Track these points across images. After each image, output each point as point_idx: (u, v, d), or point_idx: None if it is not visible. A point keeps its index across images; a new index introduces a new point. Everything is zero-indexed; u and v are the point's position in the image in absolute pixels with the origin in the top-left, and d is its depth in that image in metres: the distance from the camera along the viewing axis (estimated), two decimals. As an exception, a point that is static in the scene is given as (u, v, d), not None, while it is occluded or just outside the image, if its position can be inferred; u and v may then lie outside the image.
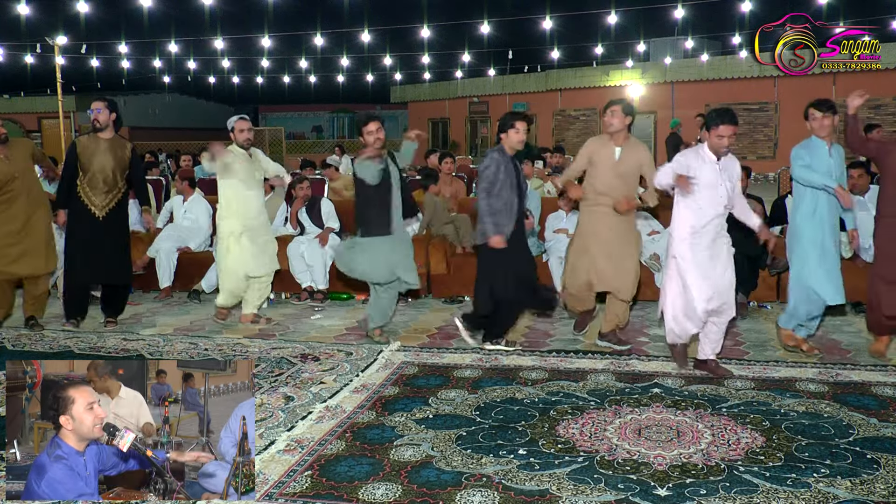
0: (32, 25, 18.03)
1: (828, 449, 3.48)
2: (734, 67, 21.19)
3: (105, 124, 5.78)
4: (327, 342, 5.54)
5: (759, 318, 6.06)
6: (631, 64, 22.74)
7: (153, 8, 14.08)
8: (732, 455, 3.44)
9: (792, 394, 4.23)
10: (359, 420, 3.95)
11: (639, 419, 3.89)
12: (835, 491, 3.08)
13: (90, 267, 5.87)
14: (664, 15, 17.26)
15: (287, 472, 3.34)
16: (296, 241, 7.09)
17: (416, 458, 3.45)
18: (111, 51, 20.80)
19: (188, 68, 22.80)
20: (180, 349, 5.40)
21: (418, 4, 18.85)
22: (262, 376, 4.69)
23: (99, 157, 5.76)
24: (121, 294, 6.20)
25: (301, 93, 30.61)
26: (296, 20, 31.18)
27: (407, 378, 4.64)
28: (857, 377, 4.51)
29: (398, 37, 21.77)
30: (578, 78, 23.91)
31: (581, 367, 4.81)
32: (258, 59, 23.17)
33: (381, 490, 3.14)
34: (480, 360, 4.99)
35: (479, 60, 23.83)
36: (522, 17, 18.41)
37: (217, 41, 19.14)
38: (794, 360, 4.86)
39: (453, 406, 4.13)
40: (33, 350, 5.44)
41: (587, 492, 3.11)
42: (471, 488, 3.15)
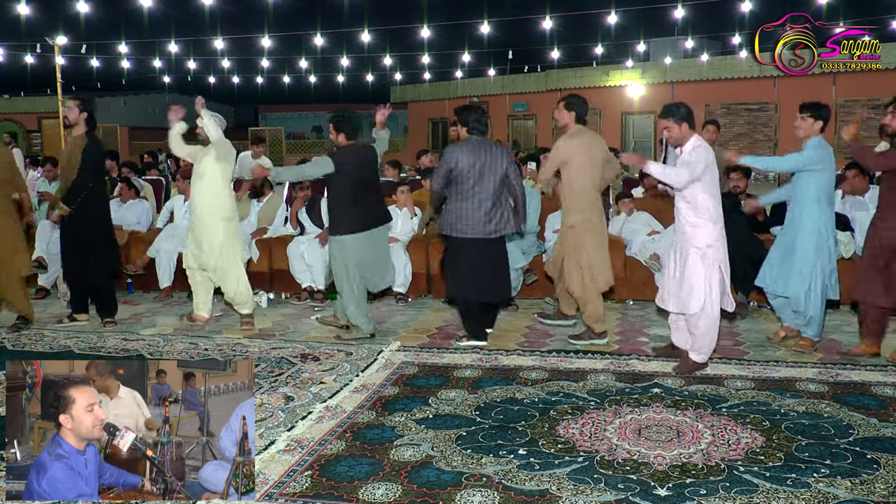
0: (32, 25, 18.03)
1: (828, 449, 3.48)
2: (734, 67, 21.18)
3: (74, 122, 5.86)
4: (327, 342, 5.54)
5: (759, 318, 6.06)
6: (631, 64, 22.74)
7: (153, 8, 14.07)
8: (732, 455, 3.44)
9: (792, 394, 4.23)
10: (359, 420, 3.95)
11: (639, 419, 3.89)
12: (835, 491, 3.08)
13: (62, 265, 6.19)
14: (664, 15, 17.25)
15: (287, 472, 3.34)
16: (296, 241, 7.09)
17: (416, 458, 3.45)
18: (111, 51, 20.79)
19: (188, 68, 22.77)
20: (180, 349, 5.40)
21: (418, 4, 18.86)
22: (262, 376, 4.69)
23: (65, 153, 5.97)
24: (100, 294, 6.13)
25: (301, 93, 30.61)
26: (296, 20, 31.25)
27: (407, 378, 4.64)
28: (857, 377, 4.51)
29: (398, 37, 21.78)
30: (578, 78, 23.89)
31: (581, 367, 4.81)
32: (258, 59, 23.16)
33: (381, 490, 3.14)
34: (480, 360, 4.99)
35: (479, 60, 23.84)
36: (522, 17, 18.41)
37: (217, 41, 19.12)
38: (794, 360, 4.86)
39: (453, 406, 4.13)
40: (33, 350, 5.44)
41: (587, 492, 3.11)
42: (471, 488, 3.15)
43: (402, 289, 6.90)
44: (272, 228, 7.55)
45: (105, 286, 6.14)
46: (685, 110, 4.56)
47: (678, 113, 4.54)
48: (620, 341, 5.47)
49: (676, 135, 4.57)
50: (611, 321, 6.05)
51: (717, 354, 5.03)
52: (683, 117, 4.54)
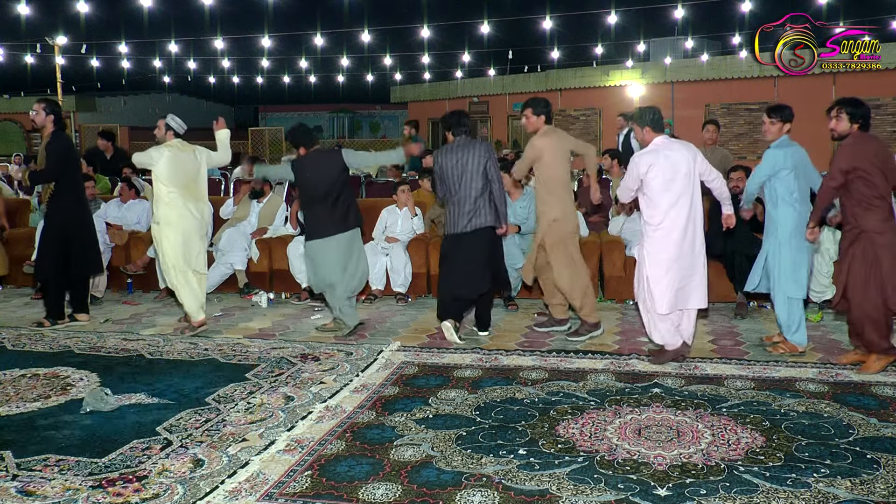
0: (32, 25, 18.04)
1: (828, 449, 3.48)
2: (734, 67, 21.15)
3: (42, 124, 5.98)
4: (327, 342, 5.53)
5: (758, 318, 6.06)
6: (631, 64, 22.72)
7: (153, 8, 14.04)
8: (732, 455, 3.44)
9: (792, 394, 4.23)
10: (359, 420, 3.95)
11: (639, 419, 3.89)
12: (835, 491, 3.08)
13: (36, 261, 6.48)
14: (664, 15, 17.25)
15: (287, 471, 3.34)
16: (296, 241, 7.08)
17: (416, 458, 3.45)
18: (111, 51, 20.79)
19: (188, 68, 22.77)
20: (180, 349, 5.39)
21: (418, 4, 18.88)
22: (262, 376, 4.69)
23: (40, 154, 6.07)
24: (76, 289, 6.19)
25: (301, 93, 30.63)
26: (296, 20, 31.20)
27: (407, 378, 4.64)
28: (856, 377, 4.51)
29: (398, 37, 21.78)
30: (578, 78, 23.87)
31: (581, 367, 4.81)
32: (258, 59, 23.15)
33: (381, 490, 3.14)
34: (480, 360, 4.99)
35: (479, 60, 23.83)
36: (522, 17, 18.41)
37: (217, 41, 19.10)
38: (794, 360, 4.86)
39: (453, 406, 4.13)
40: (33, 350, 5.44)
41: (587, 492, 3.11)
42: (471, 488, 3.15)
43: (402, 289, 6.90)
44: (272, 228, 7.55)
45: (81, 281, 6.23)
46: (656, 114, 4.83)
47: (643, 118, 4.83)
48: (620, 341, 5.47)
49: (639, 136, 4.89)
50: (611, 321, 6.05)
51: (717, 354, 5.04)
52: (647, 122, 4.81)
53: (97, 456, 3.53)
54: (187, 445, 3.64)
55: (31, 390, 4.52)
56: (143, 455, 3.53)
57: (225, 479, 3.26)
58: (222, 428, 3.86)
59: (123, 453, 3.56)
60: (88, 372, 4.85)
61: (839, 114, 4.67)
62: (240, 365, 4.95)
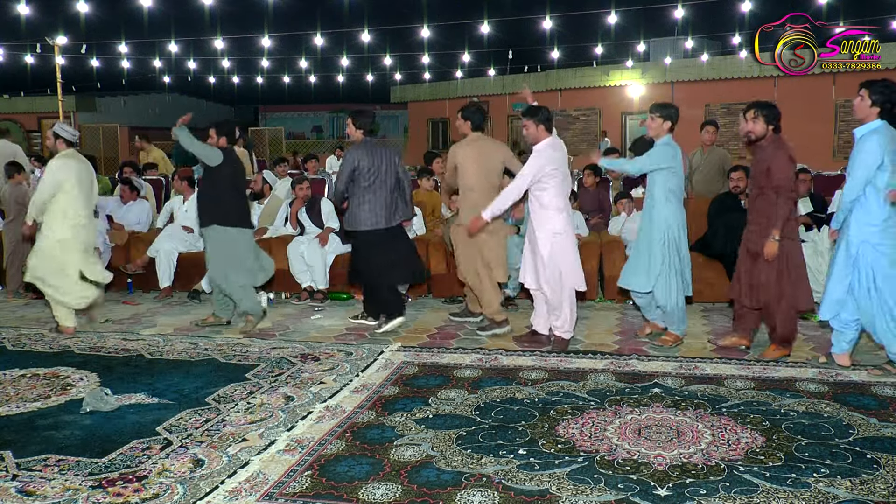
0: (32, 25, 18.02)
1: (828, 449, 3.48)
2: (734, 67, 21.16)
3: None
4: (327, 342, 5.53)
5: (759, 318, 6.05)
6: (631, 64, 22.73)
7: (153, 8, 14.04)
8: (732, 455, 3.44)
9: (792, 394, 4.23)
10: (359, 420, 3.95)
11: (639, 419, 3.89)
12: (835, 491, 3.08)
13: None
14: (664, 15, 17.25)
15: (287, 472, 3.34)
16: (296, 241, 7.09)
17: (416, 458, 3.45)
18: (111, 51, 20.78)
19: (188, 68, 22.77)
20: (180, 349, 5.39)
21: (418, 4, 18.87)
22: (262, 376, 4.69)
23: None
24: None
25: (301, 93, 30.61)
26: (296, 20, 31.23)
27: (407, 378, 4.64)
28: (856, 377, 4.51)
29: (398, 37, 21.79)
30: (578, 78, 23.88)
31: (581, 367, 4.81)
32: (258, 59, 23.15)
33: (381, 490, 3.14)
34: (480, 360, 4.99)
35: (479, 60, 23.83)
36: (522, 17, 18.41)
37: (217, 41, 19.10)
38: (794, 360, 4.86)
39: (453, 406, 4.13)
40: (33, 350, 5.44)
41: (587, 492, 3.11)
42: (471, 488, 3.15)
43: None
44: (272, 228, 7.55)
45: None
46: (546, 114, 5.14)
47: (538, 115, 5.12)
48: (620, 341, 5.47)
49: (532, 133, 5.14)
50: (611, 321, 6.05)
51: (716, 354, 5.05)
52: (542, 120, 5.11)
53: (97, 456, 3.53)
54: (187, 445, 3.64)
55: (31, 390, 4.52)
56: (143, 455, 3.53)
57: (225, 479, 3.26)
58: (222, 428, 3.86)
59: (123, 453, 3.56)
60: (88, 372, 4.85)
61: (756, 116, 4.74)
62: (240, 365, 4.95)
